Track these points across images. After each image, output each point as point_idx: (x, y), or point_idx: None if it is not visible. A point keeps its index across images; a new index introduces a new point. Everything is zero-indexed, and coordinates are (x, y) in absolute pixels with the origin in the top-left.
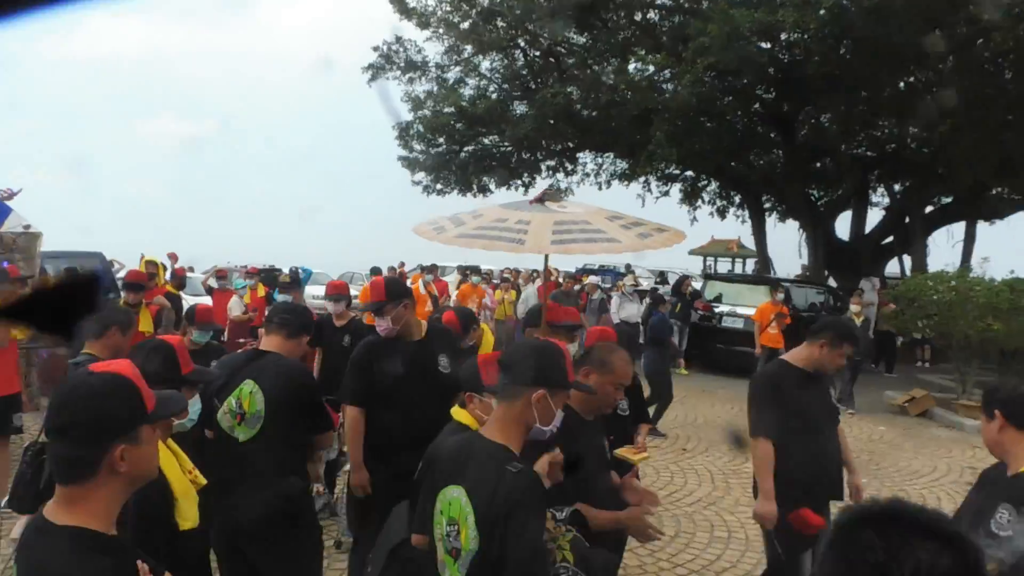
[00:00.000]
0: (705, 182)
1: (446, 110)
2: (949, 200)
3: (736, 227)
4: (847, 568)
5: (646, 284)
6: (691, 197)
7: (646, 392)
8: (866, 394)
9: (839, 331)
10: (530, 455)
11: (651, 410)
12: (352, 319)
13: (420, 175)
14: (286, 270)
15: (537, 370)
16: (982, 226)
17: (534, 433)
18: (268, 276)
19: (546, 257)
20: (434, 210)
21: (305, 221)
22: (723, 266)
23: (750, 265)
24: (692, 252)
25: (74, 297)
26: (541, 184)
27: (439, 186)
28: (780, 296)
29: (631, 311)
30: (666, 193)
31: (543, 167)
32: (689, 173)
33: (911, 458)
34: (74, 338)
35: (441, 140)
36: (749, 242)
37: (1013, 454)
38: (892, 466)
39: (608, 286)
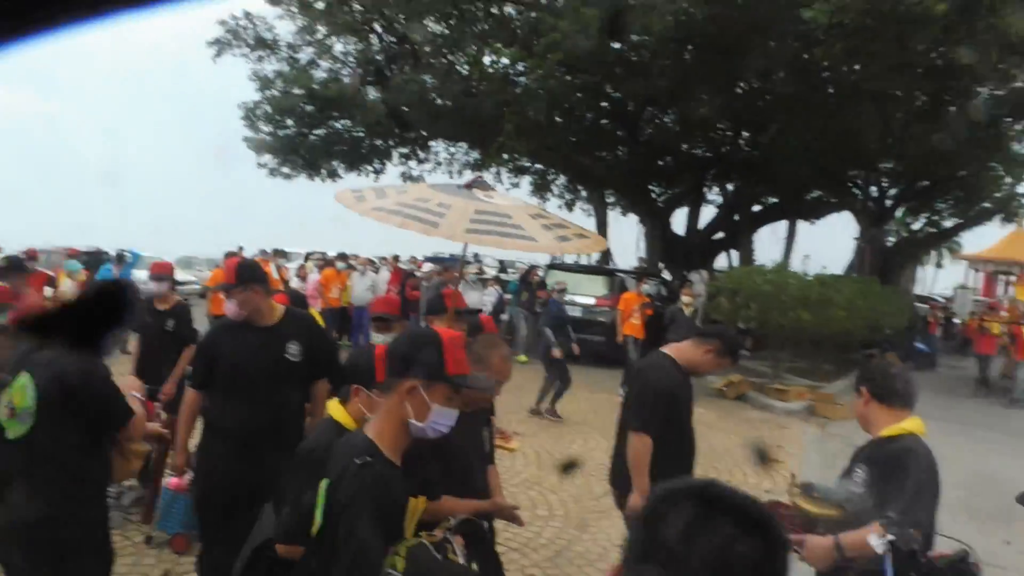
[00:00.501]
0: (554, 175)
1: (296, 91)
2: (774, 200)
3: (583, 220)
4: (647, 541)
5: (492, 273)
6: (541, 189)
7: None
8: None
9: (729, 343)
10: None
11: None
12: (178, 303)
13: (266, 157)
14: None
15: (409, 360)
16: (804, 225)
17: (413, 430)
18: (93, 259)
19: (464, 246)
20: (280, 193)
21: (125, 197)
22: (570, 257)
23: (597, 257)
24: None
25: (102, 309)
26: (392, 171)
27: (285, 169)
28: (645, 287)
29: (472, 299)
30: (516, 184)
31: (395, 154)
32: (539, 166)
33: (724, 438)
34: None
35: (290, 122)
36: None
37: (875, 424)
38: (707, 446)
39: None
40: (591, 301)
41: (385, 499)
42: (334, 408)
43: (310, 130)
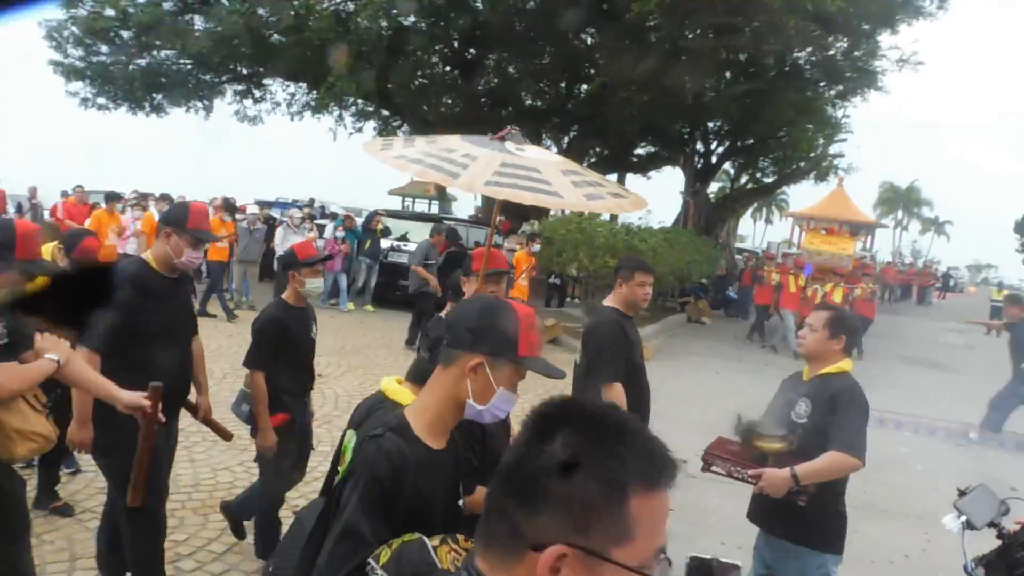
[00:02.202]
0: (399, 122)
1: (107, 13)
2: (606, 152)
3: None
4: (519, 460)
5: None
6: (387, 134)
7: None
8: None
9: (624, 264)
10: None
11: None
12: None
13: (77, 85)
14: None
15: (480, 333)
16: (639, 180)
17: (469, 412)
18: None
19: (496, 203)
20: (94, 125)
21: None
22: (421, 207)
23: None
24: (392, 192)
25: (87, 288)
26: (225, 109)
27: (102, 100)
28: (535, 248)
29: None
30: (360, 129)
31: (228, 91)
32: (385, 111)
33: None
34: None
35: (104, 48)
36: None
37: (825, 361)
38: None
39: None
40: (411, 247)
41: (391, 480)
42: (391, 388)
43: (129, 59)
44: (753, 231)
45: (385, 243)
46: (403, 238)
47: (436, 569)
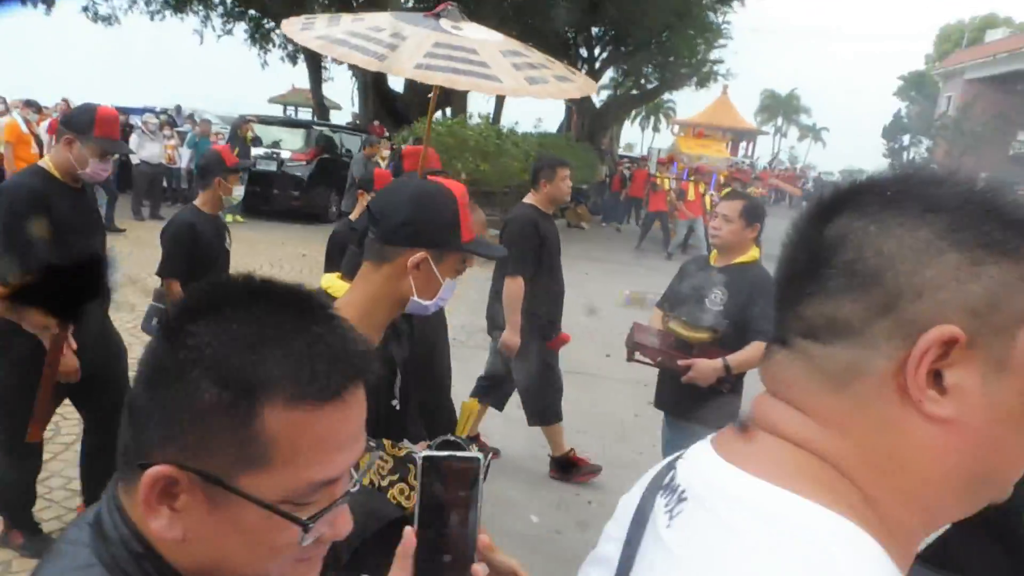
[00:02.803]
0: (272, 24)
1: None
2: None
3: (303, 71)
4: None
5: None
6: (259, 40)
7: None
8: None
9: (543, 163)
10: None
11: None
12: None
13: None
14: None
15: (416, 225)
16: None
17: (413, 308)
18: None
19: (434, 90)
20: None
21: None
22: (305, 115)
23: (335, 116)
24: (272, 100)
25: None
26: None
27: None
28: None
29: (152, 151)
30: (229, 32)
31: None
32: (253, 12)
33: None
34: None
35: None
36: (330, 92)
37: (740, 251)
38: None
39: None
40: (287, 155)
41: None
42: (330, 281)
43: None
44: (641, 139)
45: (256, 151)
46: (275, 145)
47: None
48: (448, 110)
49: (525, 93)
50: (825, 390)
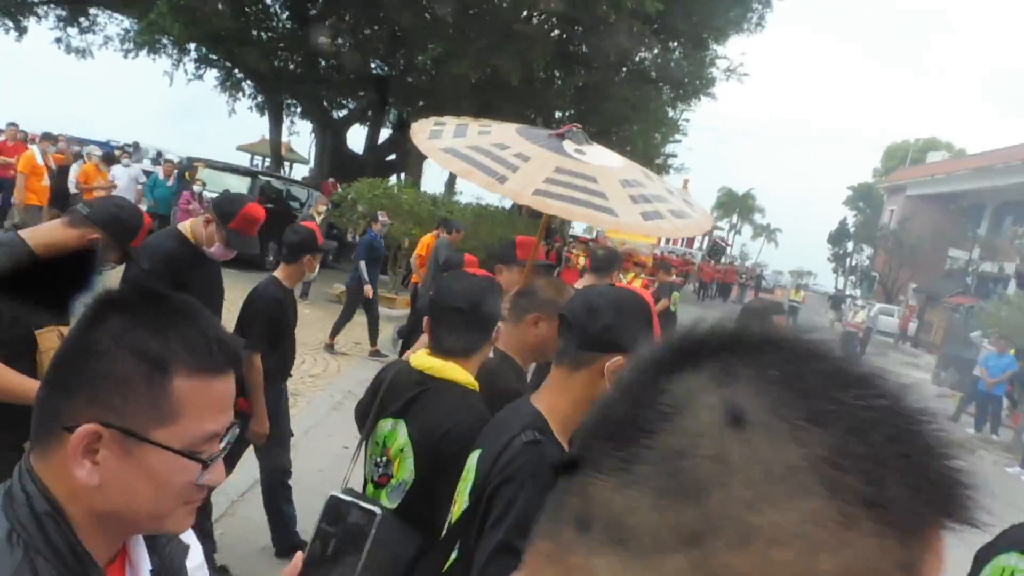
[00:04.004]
0: (241, 75)
1: None
2: None
3: (259, 123)
4: None
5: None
6: (230, 88)
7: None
8: (322, 285)
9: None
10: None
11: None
12: None
13: None
14: None
15: (615, 331)
16: None
17: None
18: None
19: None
20: None
21: None
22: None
23: (298, 169)
24: (240, 148)
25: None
26: (46, 34)
27: None
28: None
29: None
30: (200, 76)
31: (51, 15)
32: (228, 63)
33: (318, 332)
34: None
35: None
36: (299, 147)
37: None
38: (313, 338)
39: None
40: None
41: (547, 487)
42: (419, 359)
43: None
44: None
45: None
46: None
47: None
48: (403, 174)
49: (640, 231)
50: None
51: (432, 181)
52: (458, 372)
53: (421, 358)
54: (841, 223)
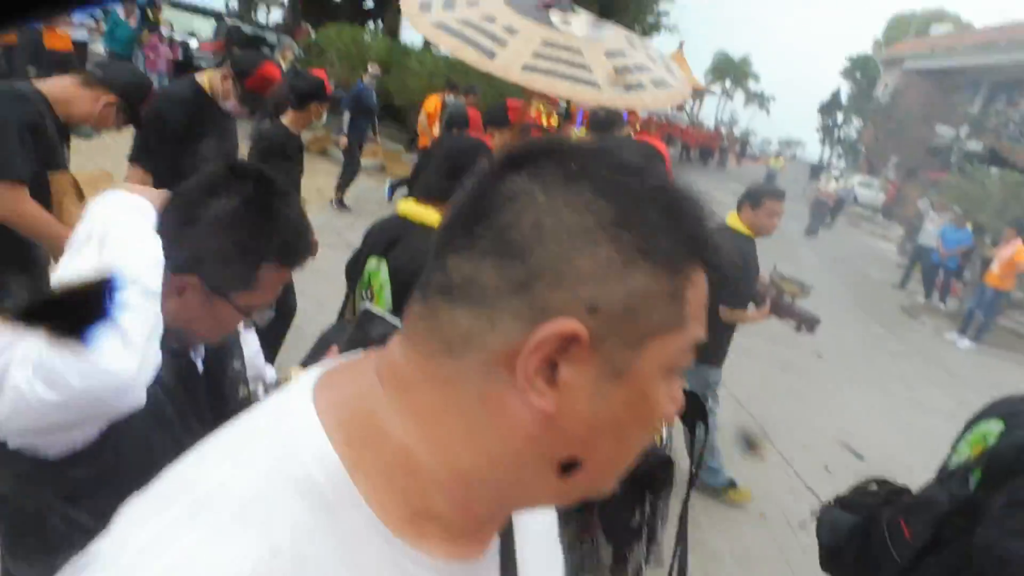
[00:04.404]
0: None
1: None
2: None
3: None
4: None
5: None
6: None
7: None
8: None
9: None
10: None
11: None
12: None
13: None
14: None
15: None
16: None
17: None
18: None
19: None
20: None
21: None
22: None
23: (275, 14)
24: None
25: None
26: None
27: None
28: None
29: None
30: None
31: None
32: None
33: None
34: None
35: None
36: None
37: None
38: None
39: None
40: (195, 44)
41: None
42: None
43: None
44: None
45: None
46: (191, 34)
47: None
48: (380, 22)
49: (621, 103)
50: (440, 352)
51: (411, 32)
52: (435, 216)
53: (405, 203)
54: (834, 94)
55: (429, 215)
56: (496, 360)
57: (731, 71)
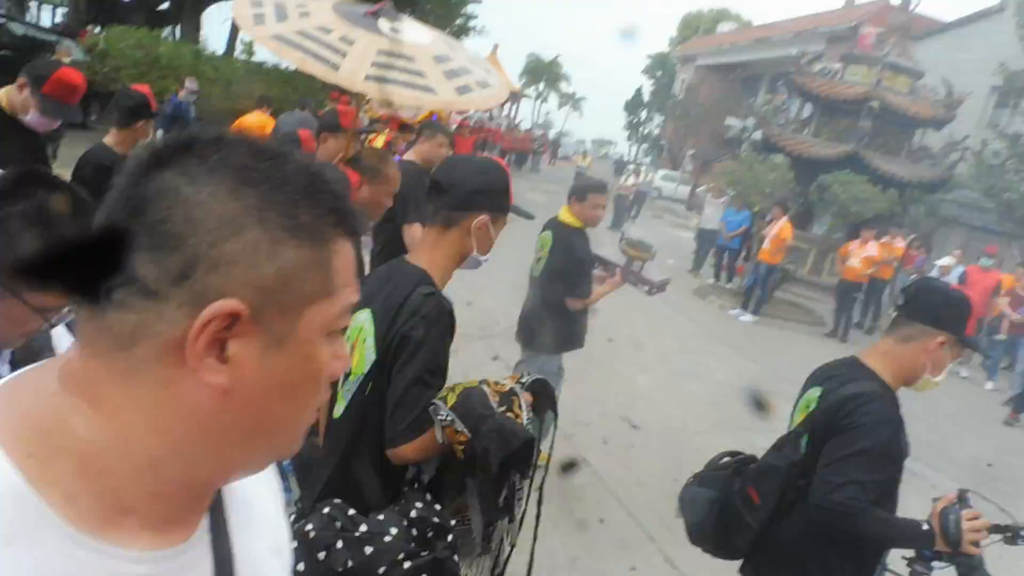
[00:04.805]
0: None
1: None
2: None
3: None
4: None
5: None
6: None
7: None
8: (72, 148)
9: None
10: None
11: None
12: None
13: None
14: None
15: (483, 193)
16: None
17: (470, 264)
18: None
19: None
20: None
21: None
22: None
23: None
24: None
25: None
26: None
27: None
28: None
29: None
30: None
31: None
32: None
33: None
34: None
35: None
36: None
37: None
38: None
39: None
40: None
41: (450, 334)
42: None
43: None
44: None
45: None
46: None
47: (495, 413)
48: (178, 28)
49: (457, 105)
50: (114, 348)
51: (213, 38)
52: None
53: None
54: (636, 92)
55: None
56: (168, 347)
57: (543, 73)
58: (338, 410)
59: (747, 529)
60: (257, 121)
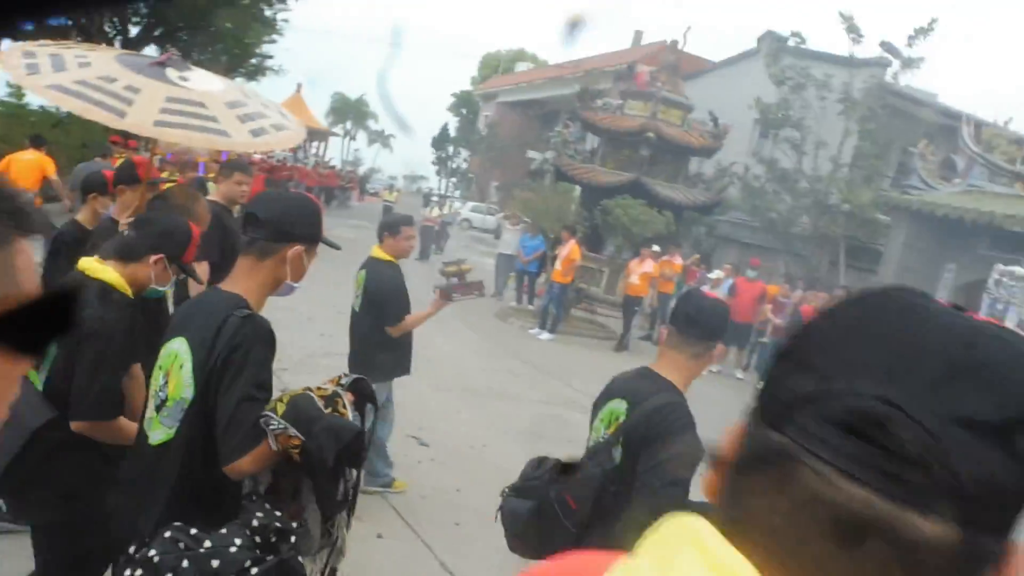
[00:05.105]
0: None
1: None
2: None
3: None
4: None
5: None
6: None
7: None
8: None
9: None
10: None
11: None
12: None
13: None
14: None
15: (295, 225)
16: None
17: (284, 291)
18: None
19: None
20: None
21: None
22: None
23: None
24: None
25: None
26: None
27: None
28: None
29: None
30: None
31: None
32: None
33: None
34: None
35: None
36: None
37: None
38: None
39: None
40: None
41: (271, 350)
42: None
43: None
44: None
45: None
46: None
47: (324, 414)
48: None
49: (252, 147)
50: None
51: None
52: (108, 273)
53: (86, 262)
54: (443, 128)
55: (103, 272)
56: None
57: (350, 112)
58: (156, 436)
59: (566, 533)
60: (34, 159)
